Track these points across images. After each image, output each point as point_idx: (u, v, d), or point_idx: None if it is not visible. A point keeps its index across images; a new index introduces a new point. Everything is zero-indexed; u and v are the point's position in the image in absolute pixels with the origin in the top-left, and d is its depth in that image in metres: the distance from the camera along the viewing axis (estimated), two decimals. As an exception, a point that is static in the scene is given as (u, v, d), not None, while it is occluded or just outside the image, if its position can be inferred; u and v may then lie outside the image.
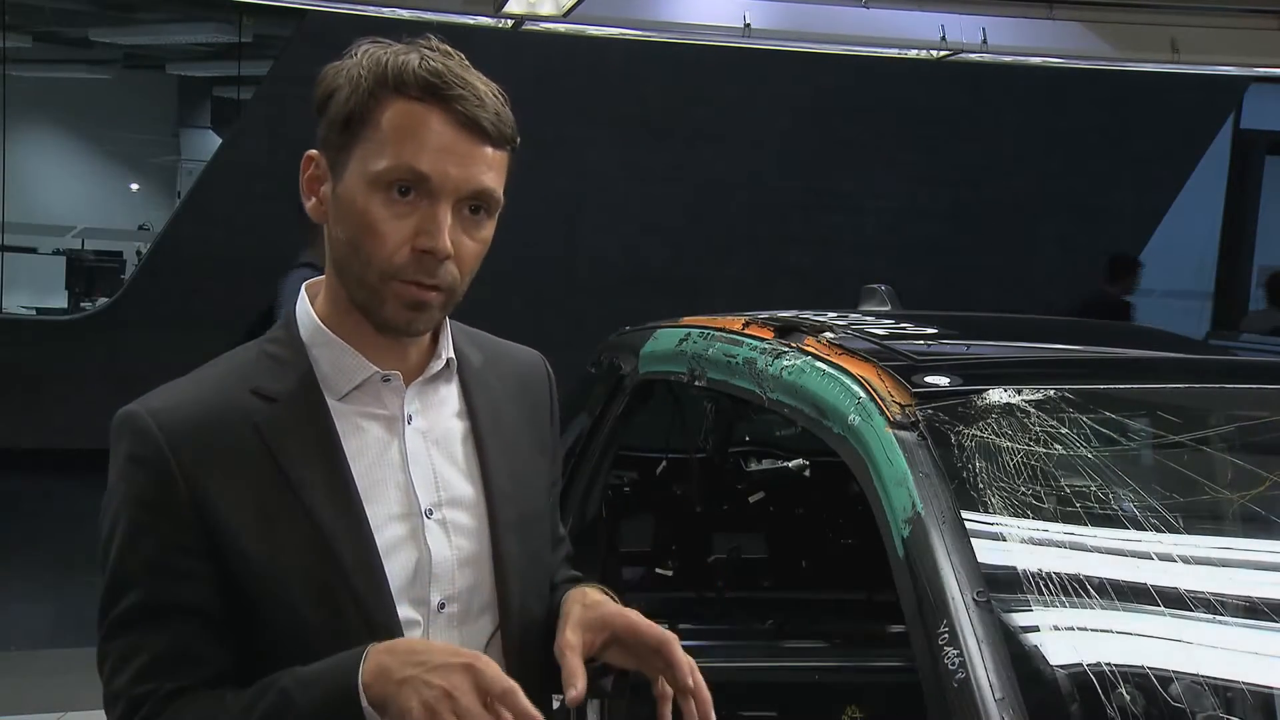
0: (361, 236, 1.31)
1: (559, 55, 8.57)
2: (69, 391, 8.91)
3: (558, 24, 7.07)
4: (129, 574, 1.30)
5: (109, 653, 1.31)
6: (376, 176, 1.30)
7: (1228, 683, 1.59)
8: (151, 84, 14.68)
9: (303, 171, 1.37)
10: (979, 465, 1.61)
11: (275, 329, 1.42)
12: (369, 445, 1.37)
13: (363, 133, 1.31)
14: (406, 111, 1.30)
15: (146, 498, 1.30)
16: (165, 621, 1.29)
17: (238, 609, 1.31)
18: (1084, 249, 10.49)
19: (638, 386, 2.65)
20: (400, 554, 1.36)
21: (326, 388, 1.37)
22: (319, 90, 1.36)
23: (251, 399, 1.34)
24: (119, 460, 1.32)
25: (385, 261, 1.31)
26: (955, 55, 7.35)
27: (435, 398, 1.44)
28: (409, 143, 1.29)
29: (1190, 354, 2.32)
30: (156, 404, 1.34)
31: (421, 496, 1.38)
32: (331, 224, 1.36)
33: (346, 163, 1.32)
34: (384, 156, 1.30)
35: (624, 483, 3.17)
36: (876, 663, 2.82)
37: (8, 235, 10.52)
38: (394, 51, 1.33)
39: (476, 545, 1.41)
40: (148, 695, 1.28)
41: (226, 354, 1.42)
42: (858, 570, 3.10)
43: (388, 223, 1.30)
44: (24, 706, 4.64)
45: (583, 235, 9.41)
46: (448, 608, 1.38)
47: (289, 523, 1.31)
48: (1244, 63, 7.88)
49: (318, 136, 1.36)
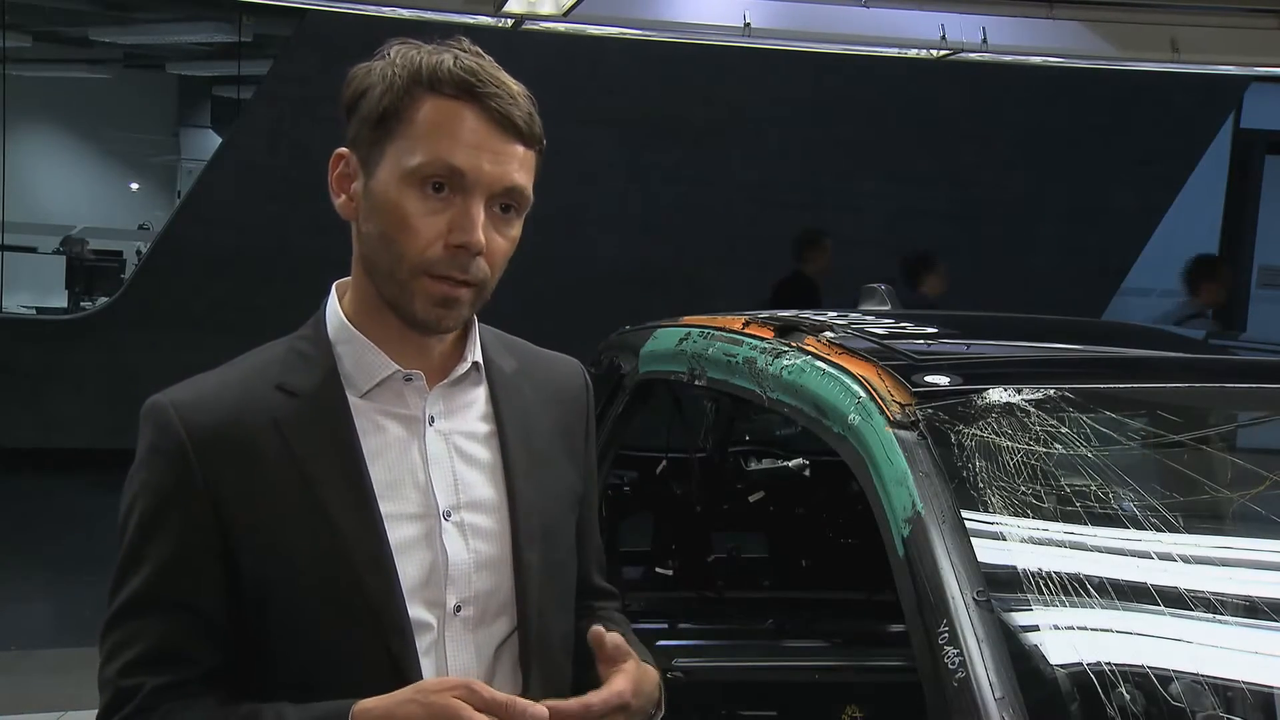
0: (394, 231, 1.32)
1: (559, 55, 8.57)
2: (69, 391, 8.92)
3: (558, 23, 7.07)
4: (138, 560, 1.31)
5: (109, 635, 1.32)
6: (411, 171, 1.31)
7: (1228, 682, 1.59)
8: (151, 83, 14.70)
9: (331, 169, 1.38)
10: (979, 465, 1.61)
11: (306, 325, 1.43)
12: (389, 444, 1.37)
13: (397, 129, 1.32)
14: (442, 108, 1.31)
15: (164, 488, 1.32)
16: (164, 613, 1.30)
17: (247, 606, 1.31)
18: (1084, 249, 10.50)
19: (638, 386, 2.65)
20: (414, 554, 1.35)
21: (349, 385, 1.38)
22: (349, 90, 1.36)
23: (275, 394, 1.35)
24: (143, 449, 1.34)
25: (418, 256, 1.32)
26: (955, 55, 7.34)
27: (461, 400, 1.43)
28: (444, 139, 1.30)
29: (1190, 353, 2.32)
30: (182, 396, 1.35)
31: (440, 498, 1.38)
32: (362, 220, 1.36)
33: (379, 159, 1.33)
34: (419, 152, 1.30)
35: (624, 482, 3.17)
36: (876, 662, 2.82)
37: (8, 235, 10.52)
38: (428, 51, 1.34)
39: (496, 550, 1.41)
40: (133, 691, 1.29)
41: (258, 348, 1.43)
42: (858, 570, 3.10)
43: (421, 218, 1.31)
44: (24, 706, 4.64)
45: (583, 235, 9.41)
46: (463, 610, 1.38)
47: (302, 518, 1.31)
48: (1244, 62, 7.88)
49: (347, 136, 1.37)
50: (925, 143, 9.92)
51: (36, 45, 12.20)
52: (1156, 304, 10.36)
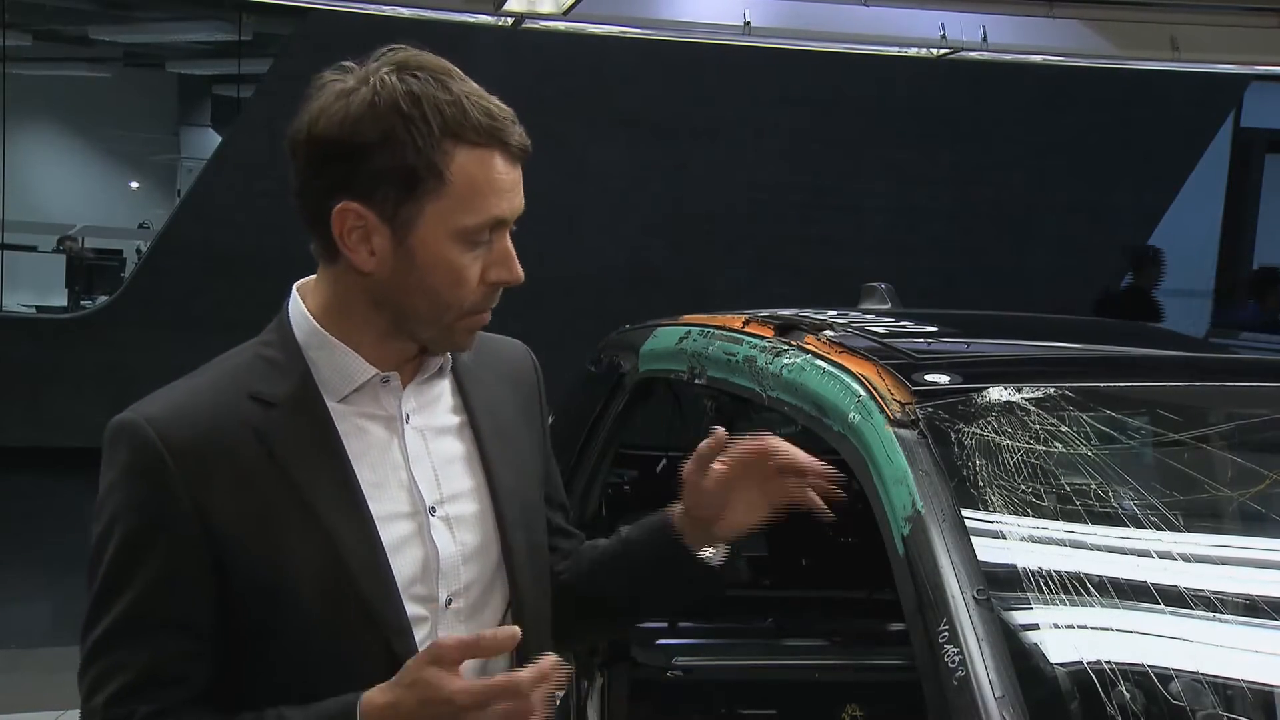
0: (446, 285, 1.33)
1: (558, 54, 8.57)
2: (69, 390, 8.92)
3: (557, 22, 7.07)
4: (122, 586, 1.28)
5: (91, 666, 1.29)
6: (463, 232, 1.31)
7: (1227, 681, 1.59)
8: (151, 82, 14.71)
9: (338, 224, 1.31)
10: (979, 463, 1.61)
11: (268, 331, 1.41)
12: (370, 446, 1.37)
13: (434, 188, 1.29)
14: (476, 161, 1.30)
15: (148, 509, 1.28)
16: (152, 637, 1.28)
17: (242, 618, 1.30)
18: (1084, 248, 10.48)
19: (638, 384, 2.65)
20: (407, 552, 1.36)
21: (326, 390, 1.36)
22: (327, 130, 1.29)
23: (250, 404, 1.33)
24: (115, 470, 1.30)
25: (464, 302, 1.34)
26: (955, 53, 7.34)
27: (430, 395, 1.44)
28: (490, 195, 1.31)
29: (1190, 352, 2.32)
30: (154, 411, 1.31)
31: (425, 494, 1.38)
32: (391, 274, 1.33)
33: (415, 217, 1.30)
34: (471, 213, 1.30)
35: (624, 481, 3.17)
36: (876, 661, 2.82)
37: (8, 234, 10.52)
38: (423, 88, 1.29)
39: (481, 539, 1.42)
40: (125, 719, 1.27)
41: (220, 357, 1.40)
42: (858, 569, 3.10)
43: (469, 269, 1.33)
44: (23, 705, 4.64)
45: (583, 235, 9.40)
46: (455, 603, 1.38)
47: (294, 527, 1.30)
48: (1244, 61, 7.88)
49: (334, 183, 1.30)
50: (925, 141, 9.91)
51: (37, 44, 12.20)
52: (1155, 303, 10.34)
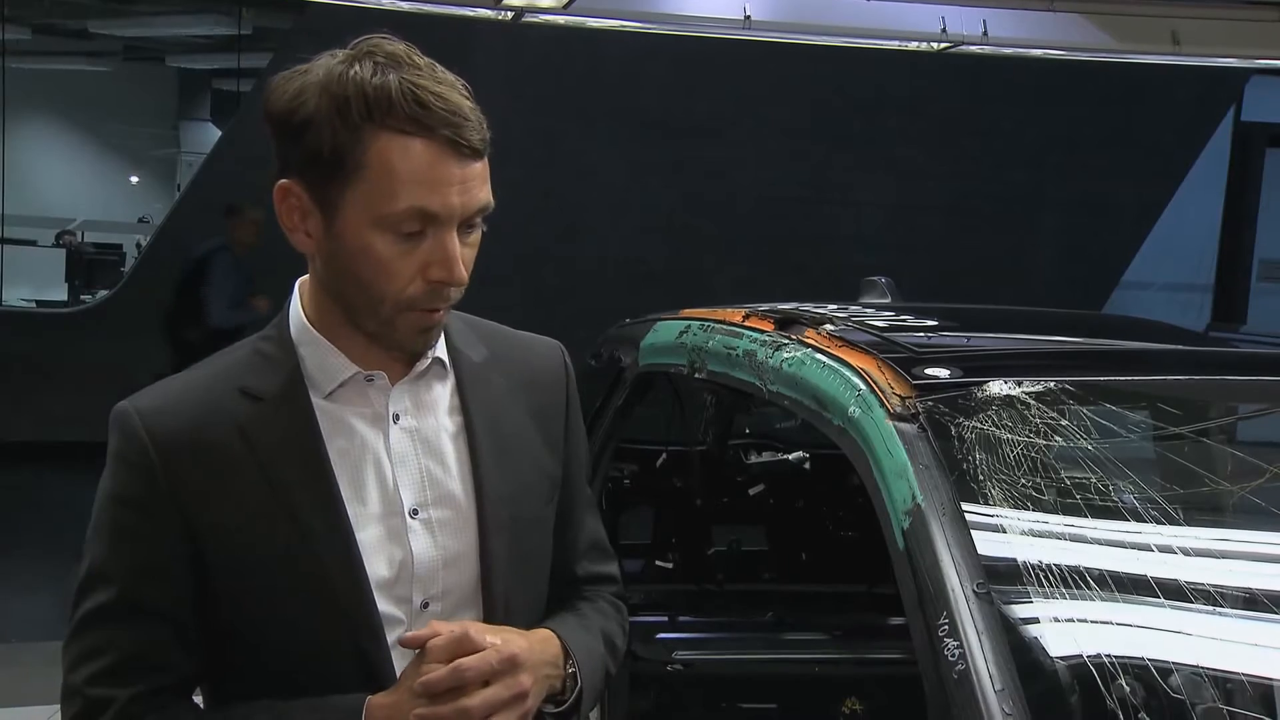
0: (371, 275, 1.29)
1: (558, 49, 8.56)
2: (68, 384, 8.91)
3: (557, 16, 7.06)
4: (106, 570, 1.30)
5: (74, 644, 1.31)
6: (382, 219, 1.27)
7: (1227, 674, 1.59)
8: (151, 76, 14.68)
9: (278, 202, 1.31)
10: (979, 457, 1.61)
11: (270, 326, 1.42)
12: (353, 444, 1.37)
13: (354, 173, 1.26)
14: (397, 148, 1.25)
15: (130, 497, 1.31)
16: (134, 622, 1.29)
17: (219, 610, 1.31)
18: (1085, 242, 10.48)
19: (638, 379, 2.65)
20: (382, 553, 1.35)
21: (312, 386, 1.36)
22: (275, 106, 1.29)
23: (239, 398, 1.34)
24: (108, 456, 1.33)
25: (398, 295, 1.30)
26: (956, 47, 7.34)
27: (427, 396, 1.42)
28: (411, 185, 1.25)
29: (1190, 346, 2.31)
30: (145, 402, 1.34)
31: (407, 496, 1.37)
32: (327, 258, 1.33)
33: (338, 203, 1.28)
34: (387, 200, 1.25)
35: (624, 475, 3.17)
36: (876, 655, 2.82)
37: (7, 228, 10.52)
38: (360, 72, 1.25)
39: (464, 545, 1.40)
40: (106, 701, 1.28)
41: (222, 350, 1.42)
42: (857, 562, 3.10)
43: (397, 260, 1.28)
44: (22, 698, 4.64)
45: (583, 232, 9.40)
46: (431, 606, 1.38)
47: (269, 522, 1.31)
48: (1245, 54, 7.87)
49: (285, 161, 1.30)
50: (925, 136, 9.91)
51: (36, 38, 12.19)
52: (1156, 296, 10.36)
